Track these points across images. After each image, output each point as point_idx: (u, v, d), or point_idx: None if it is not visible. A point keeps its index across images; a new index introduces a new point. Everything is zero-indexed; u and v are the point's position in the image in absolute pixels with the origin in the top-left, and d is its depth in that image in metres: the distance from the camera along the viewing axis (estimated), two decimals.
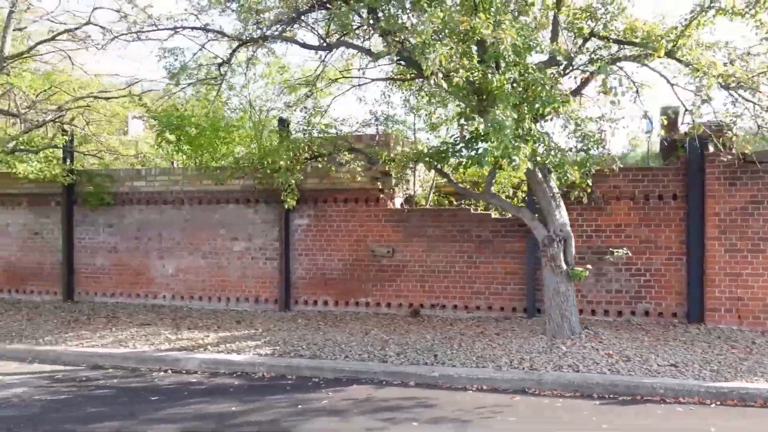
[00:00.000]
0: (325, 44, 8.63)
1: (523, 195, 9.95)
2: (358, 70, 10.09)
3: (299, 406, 6.15)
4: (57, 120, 10.20)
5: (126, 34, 9.10)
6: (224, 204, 10.96)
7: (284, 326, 9.28)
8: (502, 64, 6.55)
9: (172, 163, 12.62)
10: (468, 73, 6.38)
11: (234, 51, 8.78)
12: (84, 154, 11.90)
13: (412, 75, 8.47)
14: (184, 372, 7.62)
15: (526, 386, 6.57)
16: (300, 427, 5.54)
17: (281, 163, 8.75)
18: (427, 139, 11.41)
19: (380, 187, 10.10)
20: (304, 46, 8.85)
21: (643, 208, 9.03)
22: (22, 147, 10.06)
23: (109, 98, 10.83)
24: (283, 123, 10.41)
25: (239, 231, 10.87)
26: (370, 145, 9.74)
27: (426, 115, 10.30)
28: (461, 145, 7.71)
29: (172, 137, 10.04)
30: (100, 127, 11.66)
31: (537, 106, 6.68)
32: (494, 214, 9.84)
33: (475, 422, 5.59)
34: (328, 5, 8.06)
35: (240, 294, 10.87)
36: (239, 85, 10.59)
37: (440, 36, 6.71)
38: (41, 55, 10.24)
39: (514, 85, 6.73)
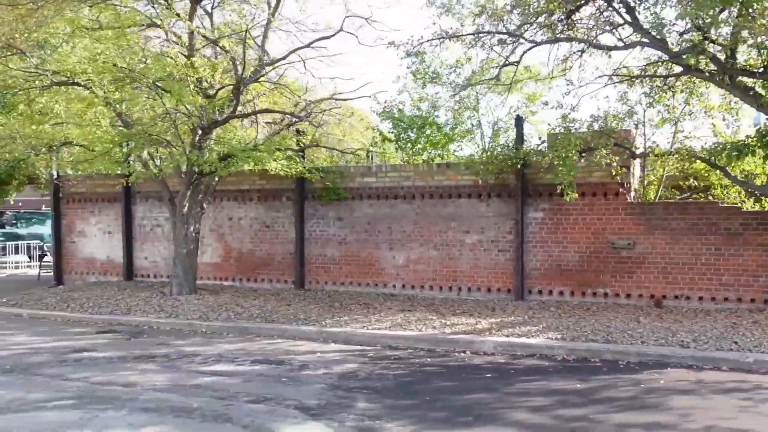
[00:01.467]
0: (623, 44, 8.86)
1: None
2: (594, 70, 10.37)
3: (641, 385, 6.52)
4: (308, 120, 11.00)
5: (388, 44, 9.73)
6: (456, 198, 11.50)
7: (541, 314, 9.70)
8: None
9: (402, 160, 13.28)
10: None
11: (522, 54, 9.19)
12: (322, 147, 12.67)
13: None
14: (482, 353, 8.15)
15: None
16: (667, 403, 5.90)
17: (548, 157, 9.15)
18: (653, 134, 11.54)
19: (620, 181, 10.34)
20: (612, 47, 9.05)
21: None
22: (277, 147, 10.93)
23: (347, 99, 11.56)
24: (520, 120, 10.84)
25: (471, 224, 11.39)
26: (627, 140, 10.00)
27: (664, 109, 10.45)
28: None
29: (411, 135, 10.63)
30: (335, 128, 12.42)
31: None
32: (745, 207, 9.90)
33: None
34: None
35: (472, 284, 11.39)
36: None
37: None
38: (291, 63, 11.03)
39: None
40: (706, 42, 7.71)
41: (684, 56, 7.94)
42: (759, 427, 5.24)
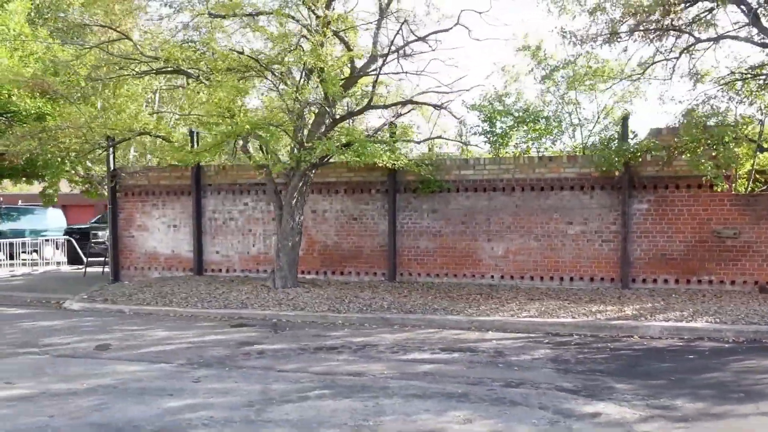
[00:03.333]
0: None
1: None
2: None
3: None
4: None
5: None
6: (558, 190, 11.80)
7: (665, 300, 10.11)
8: None
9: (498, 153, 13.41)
10: None
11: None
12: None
13: None
14: (648, 337, 8.48)
15: None
16: None
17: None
18: None
19: (726, 173, 10.88)
20: None
21: None
22: (397, 139, 10.90)
23: (456, 90, 11.54)
24: (626, 118, 11.27)
25: (574, 215, 11.71)
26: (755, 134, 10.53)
27: None
28: None
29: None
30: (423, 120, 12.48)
31: None
32: None
33: None
34: None
35: (574, 273, 11.72)
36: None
37: None
38: (407, 56, 10.96)
39: None
40: None
41: None
42: None
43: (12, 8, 14.79)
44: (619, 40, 10.85)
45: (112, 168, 14.26)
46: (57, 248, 20.28)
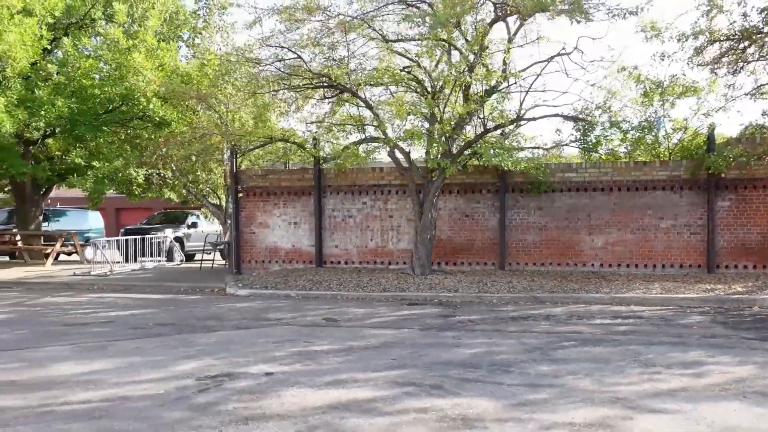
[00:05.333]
0: None
1: None
2: None
3: None
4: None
5: None
6: (651, 190, 13.81)
7: (752, 281, 12.17)
8: None
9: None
10: None
11: None
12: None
13: None
14: (766, 307, 10.49)
15: None
16: None
17: None
18: None
19: None
20: None
21: None
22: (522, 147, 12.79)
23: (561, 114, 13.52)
24: (713, 129, 13.38)
25: (665, 211, 13.73)
26: None
27: None
28: None
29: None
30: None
31: None
32: None
33: None
34: None
35: (665, 261, 13.74)
36: None
37: None
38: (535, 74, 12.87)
39: None
40: None
41: None
42: None
43: (151, 24, 16.22)
44: (703, 64, 12.91)
45: (235, 171, 15.77)
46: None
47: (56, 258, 19.98)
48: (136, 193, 21.36)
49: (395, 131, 13.08)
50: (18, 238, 20.45)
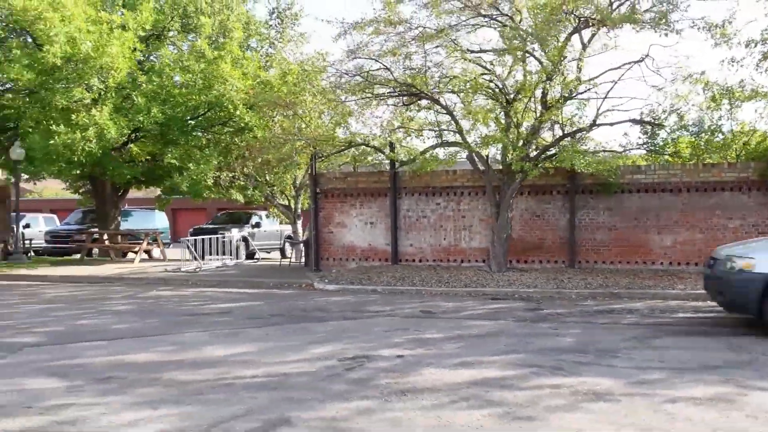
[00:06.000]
0: None
1: None
2: None
3: None
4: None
5: None
6: (719, 191, 14.30)
7: None
8: None
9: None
10: None
11: None
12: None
13: None
14: None
15: None
16: None
17: None
18: None
19: None
20: None
21: None
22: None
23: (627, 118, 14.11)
24: None
25: (733, 212, 14.21)
26: None
27: None
28: None
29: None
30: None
31: None
32: None
33: None
34: None
35: None
36: None
37: None
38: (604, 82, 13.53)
39: None
40: None
41: None
42: None
43: (236, 36, 17.39)
44: None
45: (314, 173, 16.74)
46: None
47: (130, 255, 21.26)
48: (203, 194, 22.57)
49: (472, 135, 13.84)
50: (105, 237, 21.81)
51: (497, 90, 13.08)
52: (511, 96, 13.19)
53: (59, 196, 45.33)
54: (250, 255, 23.83)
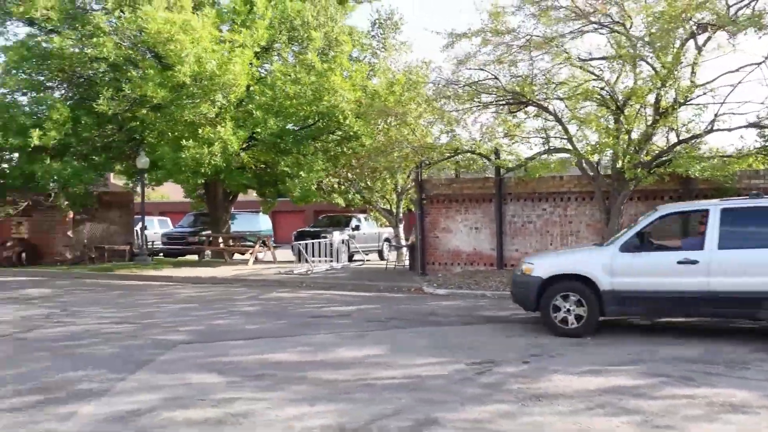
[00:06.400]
0: None
1: None
2: None
3: None
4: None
5: None
6: None
7: None
8: None
9: None
10: None
11: None
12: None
13: None
14: None
15: None
16: None
17: None
18: None
19: None
20: None
21: None
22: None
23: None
24: None
25: None
26: None
27: None
28: None
29: None
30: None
31: None
32: None
33: None
34: None
35: None
36: None
37: None
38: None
39: None
40: None
41: None
42: None
43: (346, 49, 18.25)
44: None
45: (420, 180, 17.22)
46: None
47: (237, 256, 22.50)
48: (313, 199, 23.49)
49: (579, 141, 13.85)
50: (220, 240, 23.25)
51: (608, 96, 13.04)
52: (621, 102, 13.11)
53: (165, 199, 48.36)
54: (350, 257, 24.65)
